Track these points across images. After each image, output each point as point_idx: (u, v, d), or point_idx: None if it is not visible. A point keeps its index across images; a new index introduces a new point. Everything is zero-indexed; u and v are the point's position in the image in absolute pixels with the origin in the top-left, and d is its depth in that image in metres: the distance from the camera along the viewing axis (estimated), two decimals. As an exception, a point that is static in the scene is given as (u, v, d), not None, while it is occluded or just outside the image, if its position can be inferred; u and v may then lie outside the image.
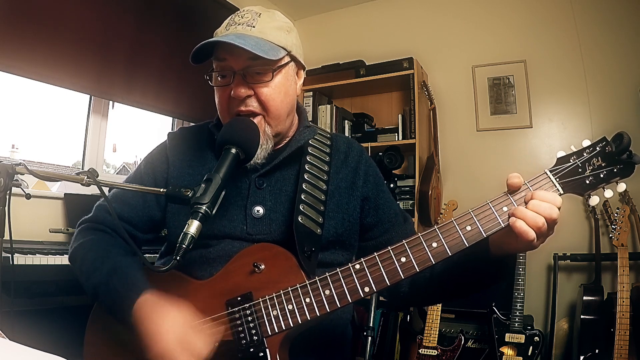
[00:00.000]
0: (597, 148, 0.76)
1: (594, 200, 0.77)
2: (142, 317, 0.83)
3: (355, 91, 3.27)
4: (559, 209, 0.74)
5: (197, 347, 0.80)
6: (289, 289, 0.84)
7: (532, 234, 0.71)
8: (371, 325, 2.25)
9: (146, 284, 0.90)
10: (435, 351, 2.31)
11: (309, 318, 0.82)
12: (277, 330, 0.83)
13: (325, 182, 1.02)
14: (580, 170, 0.76)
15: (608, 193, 0.76)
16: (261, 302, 0.85)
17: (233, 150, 0.87)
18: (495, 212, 0.76)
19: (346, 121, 3.15)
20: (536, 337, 2.20)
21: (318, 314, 0.81)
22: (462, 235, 0.76)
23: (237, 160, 0.88)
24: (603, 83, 2.63)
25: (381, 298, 2.43)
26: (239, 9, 1.02)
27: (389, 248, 0.80)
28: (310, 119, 3.15)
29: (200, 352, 0.80)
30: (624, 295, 2.03)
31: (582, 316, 2.18)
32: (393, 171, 2.77)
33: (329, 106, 3.13)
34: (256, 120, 0.97)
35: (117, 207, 1.03)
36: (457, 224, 0.77)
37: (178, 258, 0.76)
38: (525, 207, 0.73)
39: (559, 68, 2.76)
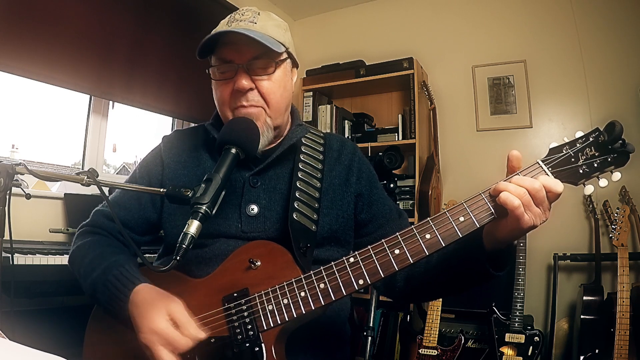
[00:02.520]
0: (590, 138, 0.76)
1: (589, 189, 0.77)
2: (138, 303, 0.85)
3: (355, 91, 3.27)
4: (549, 192, 0.73)
5: (193, 328, 0.81)
6: (284, 283, 0.84)
7: (516, 201, 0.71)
8: (371, 325, 2.25)
9: (142, 277, 0.92)
10: (435, 351, 2.31)
11: (304, 312, 0.82)
12: (272, 325, 0.83)
13: (319, 179, 1.03)
14: (573, 159, 0.76)
15: (603, 182, 0.76)
16: (257, 298, 0.85)
17: (233, 150, 0.88)
18: (487, 203, 0.76)
19: (346, 121, 3.15)
20: (536, 337, 2.20)
21: (313, 308, 0.82)
22: (455, 226, 0.77)
23: (237, 160, 0.89)
24: (603, 83, 2.63)
25: (381, 298, 2.43)
26: (238, 9, 1.04)
27: (383, 241, 0.80)
28: (310, 119, 3.17)
29: (194, 332, 0.81)
30: (624, 295, 2.03)
31: (582, 316, 2.17)
32: (393, 171, 2.77)
33: (329, 106, 3.13)
34: (257, 110, 0.98)
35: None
36: (450, 215, 0.77)
37: (178, 258, 0.76)
38: None
39: (559, 68, 2.76)
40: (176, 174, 1.07)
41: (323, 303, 0.82)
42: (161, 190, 0.85)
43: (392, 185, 2.64)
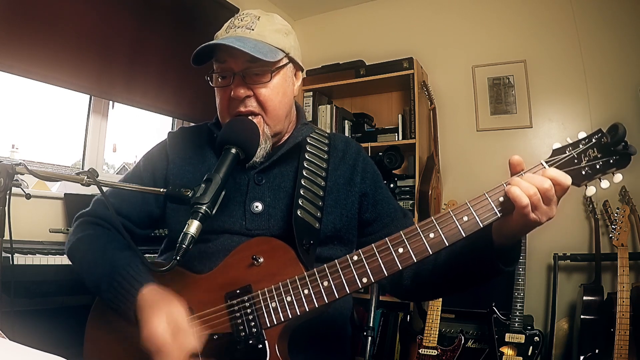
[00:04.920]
0: (593, 139, 0.76)
1: (591, 190, 0.77)
2: (143, 306, 0.84)
3: (355, 91, 3.27)
4: (557, 185, 0.74)
5: (187, 340, 0.81)
6: (288, 281, 0.84)
7: (525, 199, 0.72)
8: (371, 325, 2.25)
9: (148, 276, 0.91)
10: (435, 351, 2.31)
11: (307, 309, 0.82)
12: (275, 322, 0.84)
13: (323, 178, 1.04)
14: (576, 161, 0.76)
15: (604, 184, 0.77)
16: (260, 295, 0.85)
17: (233, 150, 0.88)
18: (491, 202, 0.77)
19: (346, 121, 3.15)
20: (536, 337, 2.20)
21: (316, 306, 0.82)
22: (459, 226, 0.77)
23: (237, 160, 0.89)
24: (603, 83, 2.63)
25: (381, 297, 2.43)
26: (239, 9, 1.04)
27: (386, 239, 0.81)
28: (310, 119, 3.18)
29: (188, 345, 0.80)
30: (624, 295, 2.03)
31: (582, 316, 2.17)
32: (393, 171, 2.77)
33: (329, 106, 3.13)
34: (255, 120, 0.99)
35: (115, 202, 1.04)
36: (454, 214, 0.78)
37: (178, 258, 0.77)
38: None
39: (559, 68, 2.76)
40: (181, 170, 1.08)
41: (327, 301, 0.82)
42: (161, 190, 0.85)
43: (392, 185, 2.64)
